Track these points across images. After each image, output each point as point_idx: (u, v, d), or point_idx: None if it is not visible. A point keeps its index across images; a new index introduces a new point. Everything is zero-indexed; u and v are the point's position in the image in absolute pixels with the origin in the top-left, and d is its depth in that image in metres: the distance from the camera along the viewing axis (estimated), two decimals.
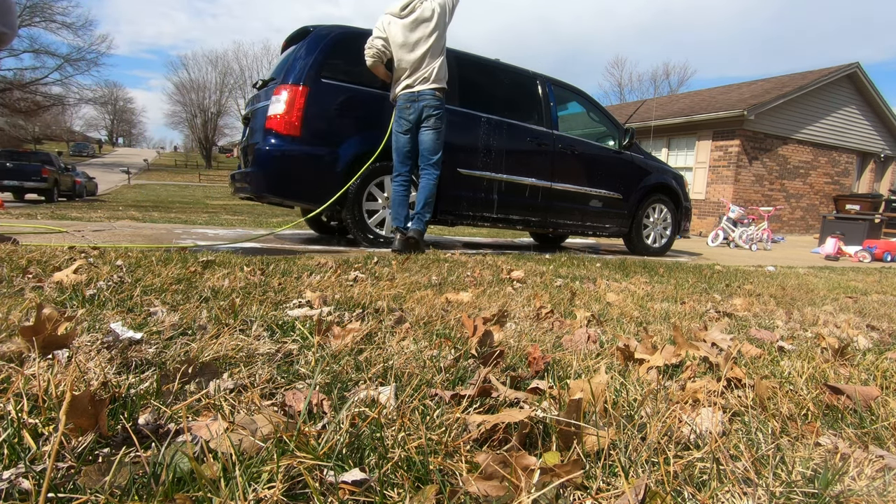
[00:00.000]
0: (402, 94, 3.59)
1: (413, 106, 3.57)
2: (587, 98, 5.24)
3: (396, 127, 3.65)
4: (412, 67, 3.53)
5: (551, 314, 1.66)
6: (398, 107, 3.63)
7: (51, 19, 30.68)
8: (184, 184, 35.67)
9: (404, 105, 3.59)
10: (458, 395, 0.88)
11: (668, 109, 15.81)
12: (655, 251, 5.56)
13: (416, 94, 3.56)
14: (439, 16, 3.55)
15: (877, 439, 0.86)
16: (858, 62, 14.22)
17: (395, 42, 3.53)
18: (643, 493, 0.59)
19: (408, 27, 3.50)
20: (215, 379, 0.89)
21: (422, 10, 3.52)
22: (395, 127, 3.66)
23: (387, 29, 3.54)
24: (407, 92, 3.57)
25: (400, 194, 3.65)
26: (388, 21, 3.54)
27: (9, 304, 1.29)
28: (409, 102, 3.57)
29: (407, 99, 3.57)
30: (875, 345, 1.63)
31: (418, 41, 3.51)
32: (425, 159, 3.66)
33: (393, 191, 3.69)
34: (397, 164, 3.66)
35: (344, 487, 0.59)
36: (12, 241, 2.48)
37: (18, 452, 0.62)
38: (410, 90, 3.56)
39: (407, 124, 3.60)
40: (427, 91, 3.57)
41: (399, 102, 3.63)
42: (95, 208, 9.99)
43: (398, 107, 3.63)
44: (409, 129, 3.61)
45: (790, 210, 14.39)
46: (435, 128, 3.62)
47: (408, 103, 3.57)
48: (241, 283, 1.82)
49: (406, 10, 3.51)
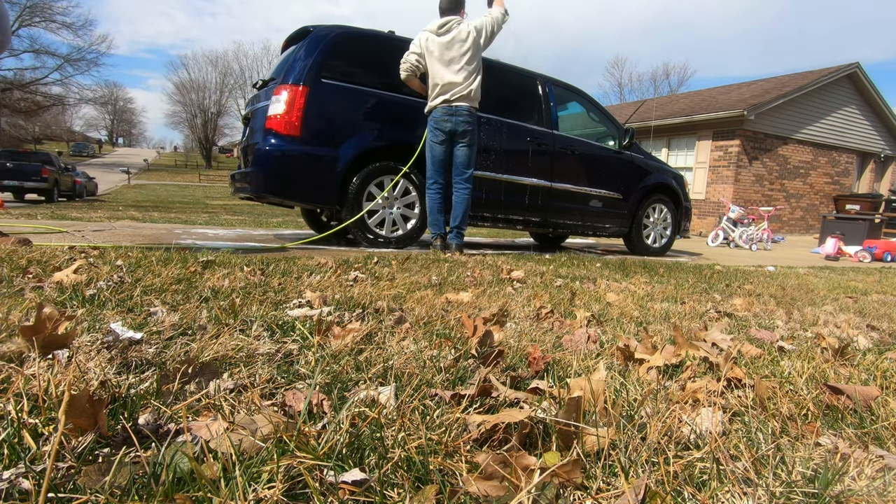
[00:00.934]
0: (441, 108, 3.78)
1: (450, 119, 3.76)
2: (587, 98, 5.23)
3: (432, 137, 3.82)
4: (450, 83, 3.73)
5: (551, 314, 1.66)
6: (434, 118, 3.80)
7: (51, 19, 30.71)
8: (184, 184, 35.67)
9: (441, 118, 3.77)
10: (458, 395, 0.88)
11: (668, 109, 15.81)
12: (655, 251, 5.56)
13: (454, 109, 3.77)
14: (474, 39, 3.76)
15: (877, 439, 0.86)
16: (858, 62, 14.22)
17: (431, 57, 3.76)
18: (643, 493, 0.59)
19: (444, 45, 3.72)
20: (215, 379, 0.89)
21: (458, 32, 3.75)
22: (431, 137, 3.83)
23: (424, 45, 3.76)
24: (445, 106, 3.76)
25: (437, 202, 3.85)
26: (427, 38, 3.77)
27: (9, 304, 1.29)
28: (447, 116, 3.76)
29: (445, 112, 3.77)
30: (875, 345, 1.63)
31: (453, 59, 3.74)
32: (459, 173, 3.86)
33: (428, 199, 3.87)
34: (432, 172, 3.84)
35: (344, 487, 0.59)
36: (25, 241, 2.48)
37: (18, 452, 0.62)
38: (448, 104, 3.76)
39: (442, 135, 3.78)
40: (464, 108, 3.78)
41: (436, 114, 3.80)
42: (95, 208, 9.99)
43: (434, 118, 3.80)
44: (444, 141, 3.79)
45: (790, 210, 14.39)
46: (469, 143, 3.83)
47: (445, 116, 3.76)
48: (241, 283, 1.82)
49: (443, 30, 3.75)
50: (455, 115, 3.77)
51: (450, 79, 3.74)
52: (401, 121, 4.02)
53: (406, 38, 4.18)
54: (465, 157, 3.85)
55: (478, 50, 3.82)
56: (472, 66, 3.79)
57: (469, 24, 3.79)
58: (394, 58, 4.10)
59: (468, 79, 3.77)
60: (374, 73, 3.95)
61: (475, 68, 3.81)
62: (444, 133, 3.77)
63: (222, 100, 57.14)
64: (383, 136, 3.92)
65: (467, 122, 3.79)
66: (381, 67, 4.01)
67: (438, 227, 3.86)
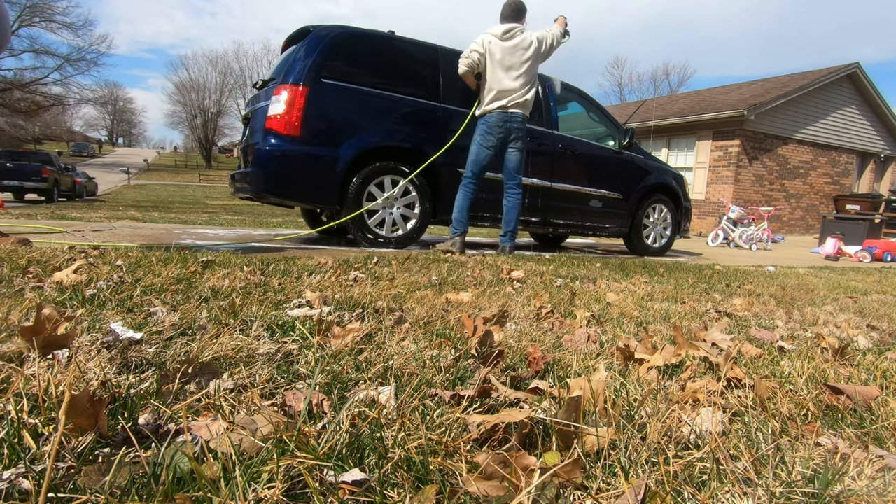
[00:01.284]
0: (496, 113, 3.84)
1: (505, 125, 3.83)
2: (587, 98, 5.23)
3: (482, 141, 3.87)
4: (508, 90, 3.79)
5: (551, 314, 1.66)
6: (488, 122, 3.85)
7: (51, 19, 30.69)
8: (184, 184, 35.67)
9: (496, 123, 3.83)
10: (458, 395, 0.88)
11: (668, 109, 15.81)
12: (655, 251, 5.56)
13: (509, 115, 3.83)
14: (535, 49, 3.85)
15: (877, 439, 0.86)
16: (858, 62, 14.22)
17: (493, 60, 3.81)
18: (643, 493, 0.59)
19: (507, 50, 3.79)
20: (215, 379, 0.89)
21: (522, 39, 3.82)
22: (481, 140, 3.87)
23: (487, 47, 3.81)
24: (501, 112, 3.83)
25: (469, 201, 3.89)
26: (490, 40, 3.81)
27: (9, 304, 1.29)
28: (503, 122, 3.83)
29: (500, 118, 3.83)
30: (875, 345, 1.63)
31: (513, 65, 3.80)
32: (511, 177, 3.96)
33: (461, 196, 3.90)
34: (472, 173, 3.89)
35: (344, 487, 0.59)
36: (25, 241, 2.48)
37: (18, 452, 0.62)
38: (504, 110, 3.82)
39: (493, 140, 3.85)
40: (518, 115, 3.86)
41: (489, 119, 3.86)
42: (95, 208, 9.99)
43: (488, 122, 3.85)
44: (495, 146, 3.86)
45: (790, 210, 14.39)
46: (521, 149, 3.93)
47: (500, 122, 3.83)
48: (241, 283, 1.82)
49: (507, 35, 3.81)
50: (510, 121, 3.84)
51: (508, 85, 3.80)
52: (401, 121, 4.02)
53: (406, 39, 4.18)
54: (516, 162, 3.95)
55: (537, 60, 3.90)
56: (530, 76, 3.86)
57: (532, 34, 3.87)
58: (394, 58, 4.10)
59: (525, 87, 3.83)
60: (374, 73, 3.95)
61: (532, 78, 3.89)
62: (497, 138, 3.85)
63: (222, 100, 57.18)
64: (383, 136, 3.92)
65: (520, 129, 3.88)
66: (381, 67, 4.01)
67: (462, 227, 3.88)
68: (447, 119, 4.14)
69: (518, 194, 3.99)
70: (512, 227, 4.01)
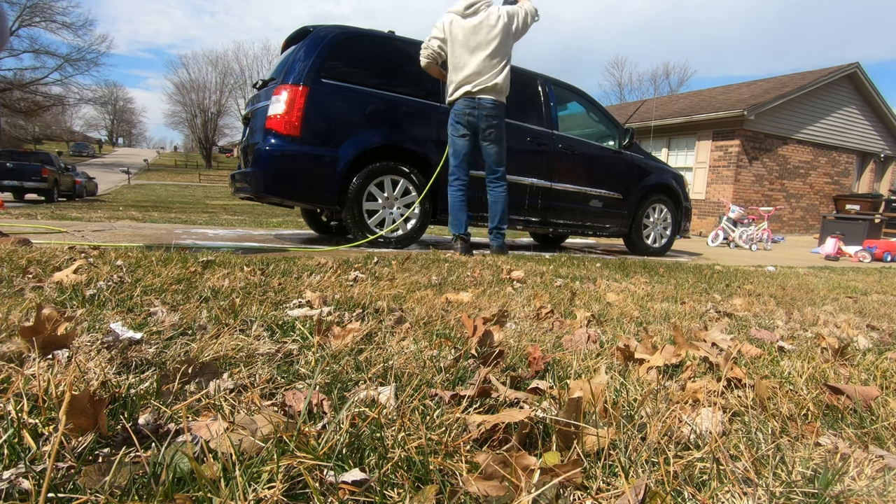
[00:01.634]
0: (462, 100, 3.50)
1: (473, 113, 3.48)
2: (587, 98, 5.24)
3: (452, 131, 3.60)
4: (473, 72, 3.43)
5: (551, 314, 1.66)
6: (455, 111, 3.54)
7: (51, 19, 30.71)
8: (184, 184, 35.68)
9: (462, 111, 3.50)
10: (458, 396, 0.88)
11: (668, 109, 15.81)
12: (655, 251, 5.56)
13: (477, 102, 3.47)
14: (504, 25, 3.44)
15: (877, 439, 0.86)
16: (858, 62, 14.22)
17: (455, 41, 3.44)
18: (643, 493, 0.59)
19: (471, 29, 3.41)
20: (215, 379, 0.89)
21: (487, 15, 3.42)
22: (451, 131, 3.60)
23: (448, 28, 3.46)
24: (467, 98, 3.48)
25: (459, 199, 3.62)
26: (451, 20, 3.46)
27: (9, 304, 1.29)
28: (470, 109, 3.48)
29: (467, 105, 3.48)
30: (875, 345, 1.63)
31: (479, 45, 3.40)
32: (491, 171, 3.65)
33: (450, 196, 3.65)
34: (454, 168, 3.62)
35: (344, 487, 0.59)
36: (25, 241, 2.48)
37: (18, 452, 0.62)
38: (471, 97, 3.46)
39: (463, 129, 3.53)
40: (488, 100, 3.48)
41: (457, 107, 3.53)
42: (95, 208, 9.99)
43: (455, 111, 3.54)
44: (466, 135, 3.54)
45: (790, 210, 14.39)
46: (497, 140, 3.58)
47: (467, 109, 3.48)
48: (241, 283, 1.82)
49: (470, 10, 3.41)
50: (478, 108, 3.45)
51: (473, 68, 3.40)
52: (401, 121, 4.02)
53: (406, 39, 4.18)
54: (494, 154, 3.59)
55: (507, 38, 3.46)
56: (500, 55, 3.42)
57: (501, 9, 3.46)
58: (394, 58, 4.10)
59: (494, 68, 3.41)
60: (374, 73, 3.96)
61: (503, 58, 3.45)
62: (465, 128, 3.51)
63: (222, 100, 57.20)
64: (383, 136, 3.92)
65: (492, 117, 3.48)
66: (381, 67, 4.01)
67: (459, 227, 3.64)
68: (447, 119, 4.14)
69: (502, 187, 3.67)
70: (498, 223, 3.68)
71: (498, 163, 3.63)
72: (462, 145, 3.56)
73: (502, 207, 3.68)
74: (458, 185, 3.63)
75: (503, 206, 3.68)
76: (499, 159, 3.63)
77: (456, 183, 3.63)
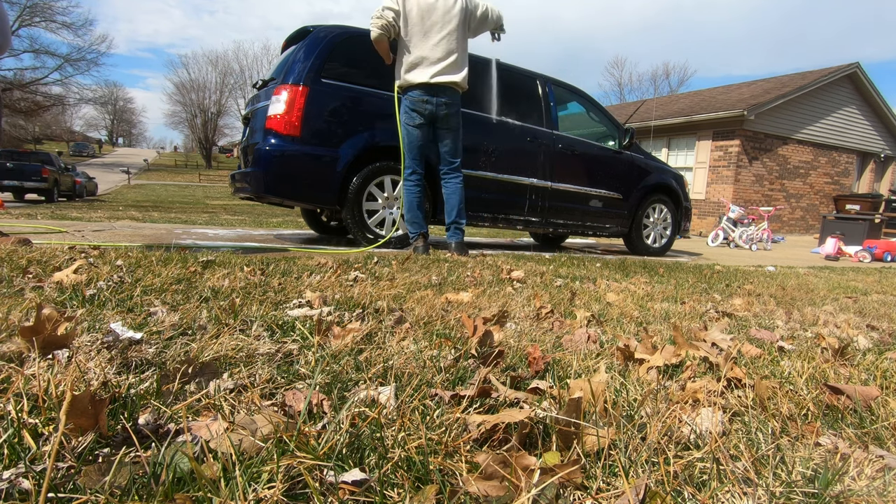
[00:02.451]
0: (421, 89, 3.27)
1: (431, 102, 3.25)
2: (587, 98, 5.24)
3: (407, 120, 3.34)
4: (430, 56, 3.20)
5: (551, 314, 1.66)
6: (411, 98, 3.30)
7: (51, 19, 30.74)
8: (184, 184, 35.68)
9: (419, 99, 3.26)
10: (458, 396, 0.88)
11: (668, 109, 15.82)
12: (655, 251, 5.57)
13: (434, 90, 3.24)
14: (462, 10, 3.24)
15: (877, 439, 0.86)
16: (858, 62, 14.23)
17: (410, 20, 3.19)
18: (643, 493, 0.59)
19: (426, 8, 3.19)
20: (215, 379, 0.89)
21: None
22: (406, 120, 3.35)
23: (403, 4, 3.20)
24: (423, 84, 3.24)
25: (415, 195, 3.42)
26: None
27: (9, 304, 1.29)
28: (427, 96, 3.25)
29: (425, 92, 3.25)
30: (875, 345, 1.63)
31: (434, 25, 3.16)
32: (447, 163, 3.46)
33: (406, 192, 3.44)
34: (410, 161, 3.39)
35: (344, 487, 0.59)
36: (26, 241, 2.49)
37: (18, 452, 0.62)
38: (427, 83, 3.23)
39: (420, 119, 3.30)
40: (448, 91, 3.28)
41: (412, 95, 3.29)
42: (95, 208, 10.00)
43: (411, 98, 3.30)
44: (422, 125, 3.32)
45: (790, 210, 14.39)
46: (454, 129, 3.39)
47: (424, 96, 3.25)
48: (241, 283, 1.82)
49: None
50: (436, 96, 3.23)
51: (428, 52, 3.17)
52: None
53: None
54: (450, 145, 3.40)
55: (464, 28, 3.24)
56: (456, 39, 3.19)
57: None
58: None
59: (450, 55, 3.18)
60: (374, 73, 3.95)
61: (460, 43, 3.24)
62: (422, 117, 3.28)
63: (222, 100, 57.22)
64: (383, 136, 3.92)
65: (448, 106, 3.27)
66: (380, 67, 4.01)
67: (419, 226, 3.45)
68: None
69: (457, 179, 3.46)
70: (455, 217, 3.46)
71: (454, 154, 3.44)
72: (417, 136, 3.34)
73: (459, 200, 3.49)
74: (414, 180, 3.42)
75: (460, 200, 3.49)
76: (456, 149, 3.45)
77: (413, 177, 3.42)
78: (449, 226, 3.56)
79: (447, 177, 3.49)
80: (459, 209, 3.50)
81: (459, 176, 3.51)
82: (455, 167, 3.48)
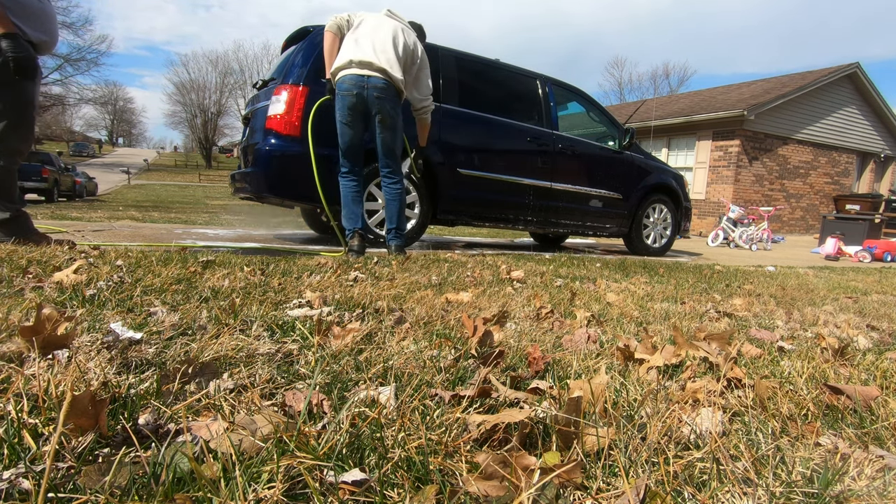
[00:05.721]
0: (347, 77, 3.02)
1: (362, 90, 3.00)
2: (587, 98, 5.24)
3: (339, 116, 3.10)
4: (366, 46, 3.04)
5: (551, 314, 1.66)
6: (340, 91, 3.06)
7: None
8: (184, 184, 35.67)
9: (348, 90, 3.01)
10: (458, 396, 0.88)
11: (668, 109, 15.82)
12: (655, 251, 5.57)
13: (365, 79, 3.00)
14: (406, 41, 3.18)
15: (877, 439, 0.86)
16: (858, 62, 14.23)
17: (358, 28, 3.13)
18: (643, 493, 0.59)
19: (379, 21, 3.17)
20: (215, 379, 0.89)
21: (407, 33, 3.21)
22: (338, 116, 3.11)
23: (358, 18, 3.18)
24: (352, 74, 3.01)
25: (350, 190, 3.19)
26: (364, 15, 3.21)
27: (9, 304, 1.29)
28: (356, 87, 3.00)
29: (353, 82, 3.00)
30: (875, 345, 1.63)
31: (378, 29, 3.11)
32: (385, 164, 3.20)
33: (342, 186, 3.22)
34: (342, 158, 3.18)
35: (344, 487, 0.59)
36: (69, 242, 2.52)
37: (18, 452, 0.62)
38: (358, 73, 3.01)
39: (350, 115, 3.05)
40: (378, 79, 3.01)
41: (342, 86, 3.03)
42: (95, 208, 9.99)
43: (340, 91, 3.06)
44: (353, 122, 3.07)
45: (790, 210, 14.39)
46: (391, 127, 3.11)
47: (353, 88, 3.00)
48: (241, 283, 1.82)
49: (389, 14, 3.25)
50: (366, 87, 2.99)
51: (365, 50, 3.00)
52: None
53: None
54: (388, 143, 3.13)
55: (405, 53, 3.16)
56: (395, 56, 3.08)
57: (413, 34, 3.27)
58: None
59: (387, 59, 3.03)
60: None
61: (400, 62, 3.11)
62: (352, 110, 3.04)
63: (222, 100, 57.22)
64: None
65: (380, 99, 3.01)
66: None
67: (354, 221, 3.19)
68: (447, 119, 4.14)
69: (396, 183, 3.22)
70: (395, 224, 3.23)
71: (390, 153, 3.16)
72: (349, 134, 3.11)
73: (398, 207, 3.24)
74: (349, 178, 3.21)
75: (399, 206, 3.25)
76: (391, 150, 3.16)
77: (347, 175, 3.22)
78: (389, 230, 3.32)
79: (385, 181, 3.28)
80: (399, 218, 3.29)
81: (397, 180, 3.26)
82: (392, 170, 3.23)
